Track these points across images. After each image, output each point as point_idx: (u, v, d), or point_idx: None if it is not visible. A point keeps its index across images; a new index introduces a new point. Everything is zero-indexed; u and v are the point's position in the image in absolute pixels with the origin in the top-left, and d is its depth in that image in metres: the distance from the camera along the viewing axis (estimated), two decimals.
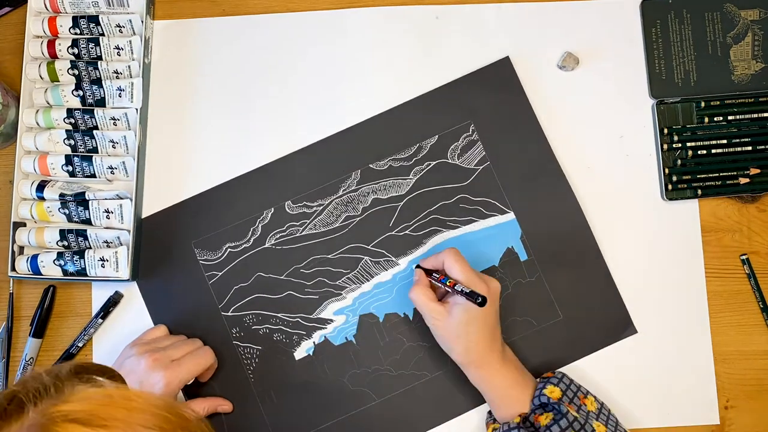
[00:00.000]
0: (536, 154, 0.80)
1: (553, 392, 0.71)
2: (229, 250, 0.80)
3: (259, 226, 0.80)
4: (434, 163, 0.80)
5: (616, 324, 0.79)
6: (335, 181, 0.80)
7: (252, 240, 0.80)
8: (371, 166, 0.80)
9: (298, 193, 0.80)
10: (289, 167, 0.80)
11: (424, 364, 0.78)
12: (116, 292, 0.79)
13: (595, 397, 0.74)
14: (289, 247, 0.80)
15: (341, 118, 0.81)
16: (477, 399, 0.77)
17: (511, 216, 0.80)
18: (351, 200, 0.80)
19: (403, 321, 0.79)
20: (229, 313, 0.79)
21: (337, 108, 0.81)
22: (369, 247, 0.80)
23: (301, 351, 0.79)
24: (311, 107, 0.81)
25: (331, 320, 0.79)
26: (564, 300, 0.79)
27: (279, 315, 0.79)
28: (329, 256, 0.80)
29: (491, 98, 0.81)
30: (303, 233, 0.80)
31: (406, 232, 0.80)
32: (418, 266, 0.76)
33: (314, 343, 0.79)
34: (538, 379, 0.74)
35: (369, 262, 0.80)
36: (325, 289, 0.79)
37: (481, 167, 0.80)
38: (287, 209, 0.80)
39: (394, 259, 0.80)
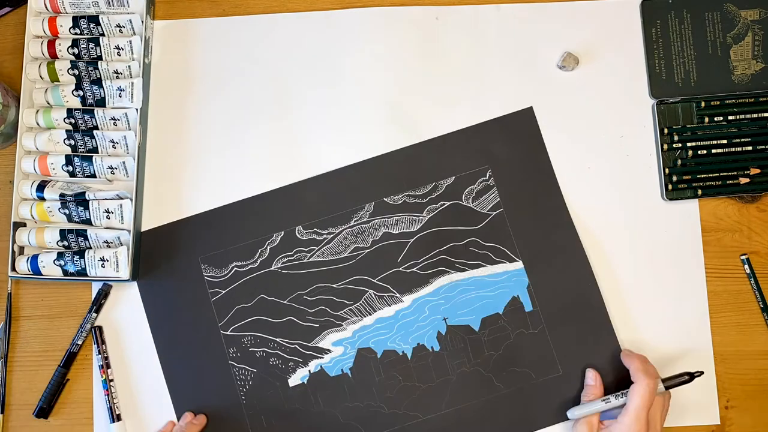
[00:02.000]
0: (550, 206, 0.80)
1: None
2: (235, 269, 0.79)
3: (268, 248, 0.79)
4: (448, 203, 0.80)
5: (616, 387, 0.77)
6: (348, 211, 0.80)
7: (259, 261, 0.79)
8: (386, 199, 0.80)
9: (309, 219, 0.80)
10: (304, 192, 0.80)
11: (417, 405, 0.78)
12: (104, 284, 0.78)
13: None
14: (295, 272, 0.79)
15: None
16: None
17: (519, 265, 0.79)
18: (362, 231, 0.80)
19: (400, 359, 0.78)
20: (228, 332, 0.78)
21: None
22: (375, 281, 0.79)
23: (296, 378, 0.78)
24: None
25: (329, 350, 0.78)
26: (565, 356, 0.78)
27: (277, 339, 0.78)
28: (334, 286, 0.79)
29: (512, 146, 0.80)
30: (310, 260, 0.79)
31: (414, 269, 0.79)
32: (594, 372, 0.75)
33: (309, 371, 0.78)
34: None
35: (373, 295, 0.79)
36: (326, 319, 0.79)
37: (495, 213, 0.80)
38: (297, 234, 0.80)
39: (398, 295, 0.79)
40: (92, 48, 0.78)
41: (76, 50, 0.78)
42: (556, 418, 0.78)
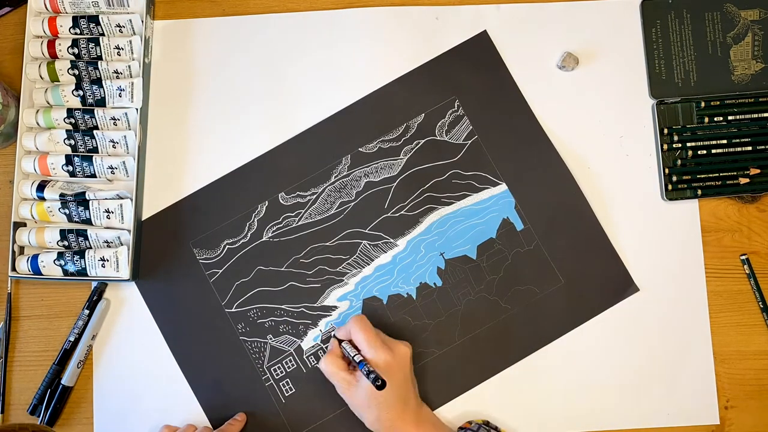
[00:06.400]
0: (522, 123, 0.81)
1: None
2: (227, 246, 0.80)
3: (255, 220, 0.80)
4: (423, 141, 0.81)
5: (617, 284, 0.79)
6: (326, 168, 0.81)
7: (249, 235, 0.80)
8: (361, 149, 0.81)
9: (290, 184, 0.80)
10: (280, 159, 0.81)
11: (431, 342, 0.79)
12: (99, 282, 0.78)
13: None
14: (286, 239, 0.80)
15: (328, 107, 0.81)
16: (488, 370, 0.78)
17: (503, 187, 0.81)
18: (344, 186, 0.80)
19: (406, 301, 0.79)
20: (232, 310, 0.79)
21: (325, 97, 0.81)
22: (366, 231, 0.80)
23: (309, 340, 0.79)
24: (306, 103, 0.82)
25: (336, 307, 0.79)
26: (564, 265, 0.80)
27: (283, 306, 0.79)
28: (327, 244, 0.80)
29: (473, 72, 0.82)
30: (299, 223, 0.80)
31: (402, 212, 0.80)
32: (334, 336, 0.76)
33: (321, 330, 0.79)
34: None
35: (368, 245, 0.80)
36: (326, 277, 0.80)
37: (470, 141, 0.81)
38: (281, 201, 0.80)
39: (392, 240, 0.80)
40: (92, 48, 0.78)
41: (76, 50, 0.78)
42: (567, 326, 0.79)
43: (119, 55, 0.79)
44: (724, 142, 0.81)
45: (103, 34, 0.79)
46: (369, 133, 0.81)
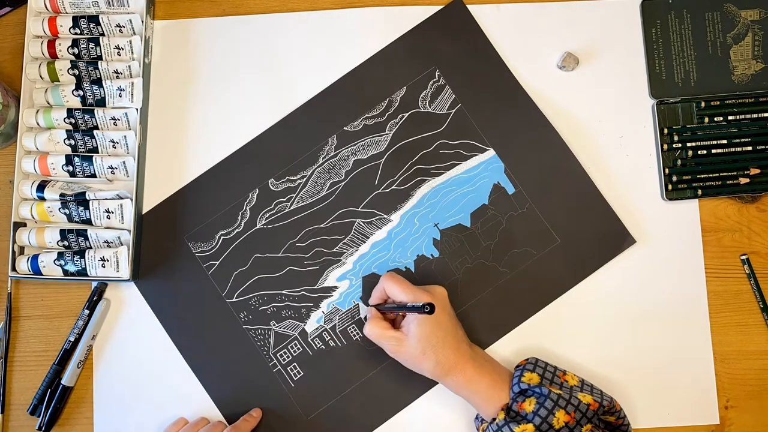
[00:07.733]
0: (504, 87, 0.81)
1: (531, 379, 0.71)
2: (222, 237, 0.80)
3: (247, 208, 0.80)
4: (407, 114, 0.81)
5: (613, 237, 0.80)
6: (313, 151, 0.81)
7: (243, 224, 0.80)
8: (345, 128, 0.81)
9: (279, 169, 0.81)
10: (266, 145, 0.81)
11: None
12: (99, 282, 0.78)
13: (573, 373, 0.74)
14: (281, 224, 0.80)
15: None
16: (491, 336, 0.79)
17: (491, 153, 0.81)
18: (332, 166, 0.81)
19: (405, 275, 0.79)
20: (233, 300, 0.79)
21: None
22: (359, 209, 0.80)
23: (312, 322, 0.79)
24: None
25: (336, 287, 0.80)
26: (558, 224, 0.80)
27: (283, 292, 0.79)
28: (322, 226, 0.80)
29: (451, 41, 0.82)
30: (292, 208, 0.80)
31: (393, 187, 0.80)
32: (369, 305, 0.76)
33: (323, 312, 0.79)
34: (514, 369, 0.74)
35: (362, 223, 0.80)
36: (324, 259, 0.80)
37: (454, 110, 0.81)
38: (271, 187, 0.80)
39: (385, 216, 0.80)
40: (92, 48, 0.78)
41: (76, 50, 0.79)
42: (569, 283, 0.79)
43: (119, 55, 0.79)
44: (724, 142, 0.81)
45: (103, 34, 0.79)
46: (352, 111, 0.81)
